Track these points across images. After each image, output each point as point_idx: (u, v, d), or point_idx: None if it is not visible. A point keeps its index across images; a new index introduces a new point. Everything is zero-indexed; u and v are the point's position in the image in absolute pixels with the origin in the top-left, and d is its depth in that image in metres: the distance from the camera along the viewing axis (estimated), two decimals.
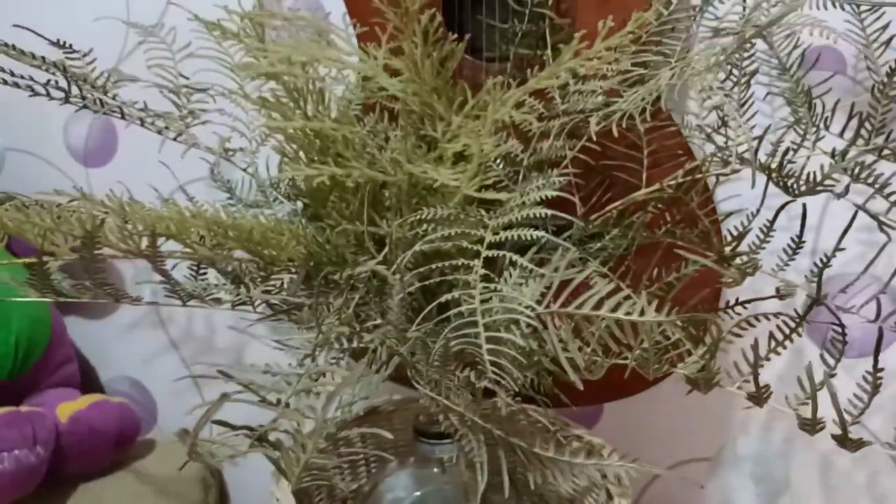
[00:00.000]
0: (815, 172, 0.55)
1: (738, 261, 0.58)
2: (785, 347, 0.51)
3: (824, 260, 0.60)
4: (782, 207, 0.62)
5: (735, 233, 0.65)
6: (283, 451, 0.39)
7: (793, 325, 0.51)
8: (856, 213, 0.60)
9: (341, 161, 0.67)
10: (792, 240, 0.63)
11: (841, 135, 0.69)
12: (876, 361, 0.53)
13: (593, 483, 0.82)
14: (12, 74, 0.71)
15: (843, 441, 0.49)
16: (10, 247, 1.08)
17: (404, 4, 0.80)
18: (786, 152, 0.62)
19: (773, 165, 0.62)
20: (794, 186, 0.57)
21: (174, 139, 0.73)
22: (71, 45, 0.77)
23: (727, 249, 0.59)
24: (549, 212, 0.54)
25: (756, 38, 0.55)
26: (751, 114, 0.67)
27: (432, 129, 0.66)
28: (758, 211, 0.64)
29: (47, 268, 0.58)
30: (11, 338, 1.03)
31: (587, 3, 0.82)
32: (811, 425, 0.47)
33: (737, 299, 0.56)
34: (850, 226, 0.60)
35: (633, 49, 0.61)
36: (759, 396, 0.49)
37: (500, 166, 0.67)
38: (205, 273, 0.71)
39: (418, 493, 0.79)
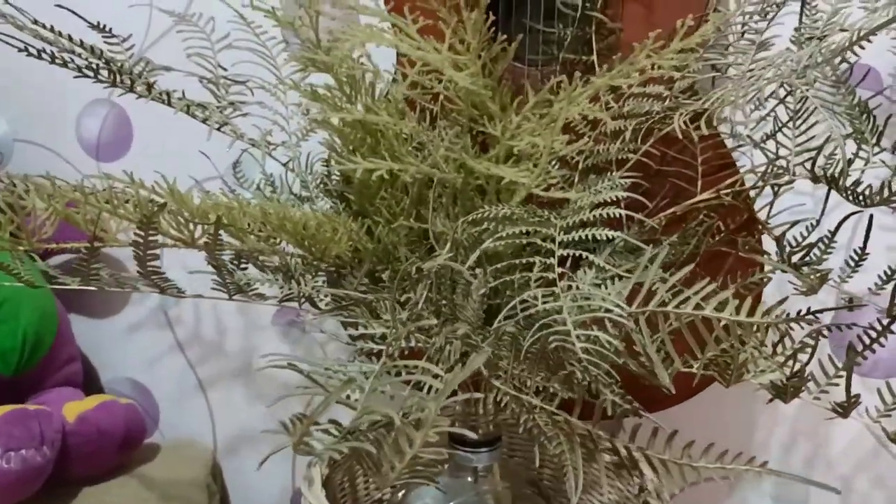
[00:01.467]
0: (889, 182, 0.55)
1: (804, 269, 0.57)
2: (865, 358, 0.50)
3: (889, 273, 0.59)
4: (846, 218, 0.62)
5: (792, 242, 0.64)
6: (385, 446, 0.37)
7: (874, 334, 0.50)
8: None
9: (397, 157, 0.65)
10: (855, 251, 0.63)
11: (893, 150, 0.69)
12: None
13: (626, 498, 0.81)
14: (52, 56, 0.68)
15: None
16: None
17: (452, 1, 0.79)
18: (849, 162, 0.62)
19: (835, 176, 0.62)
20: (865, 197, 0.56)
21: (218, 129, 0.71)
22: (111, 30, 0.74)
23: (795, 258, 0.58)
24: (624, 212, 0.53)
25: (838, 48, 0.54)
26: (808, 125, 0.67)
27: (490, 127, 0.65)
28: (818, 221, 0.63)
29: (97, 255, 0.55)
30: (19, 331, 1.00)
31: (633, 12, 0.82)
32: None
33: (808, 309, 0.55)
34: None
35: (699, 53, 0.60)
36: (848, 406, 0.48)
37: (556, 167, 0.66)
38: (245, 267, 0.68)
39: None
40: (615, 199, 0.58)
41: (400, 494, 0.76)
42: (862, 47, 0.52)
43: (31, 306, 1.02)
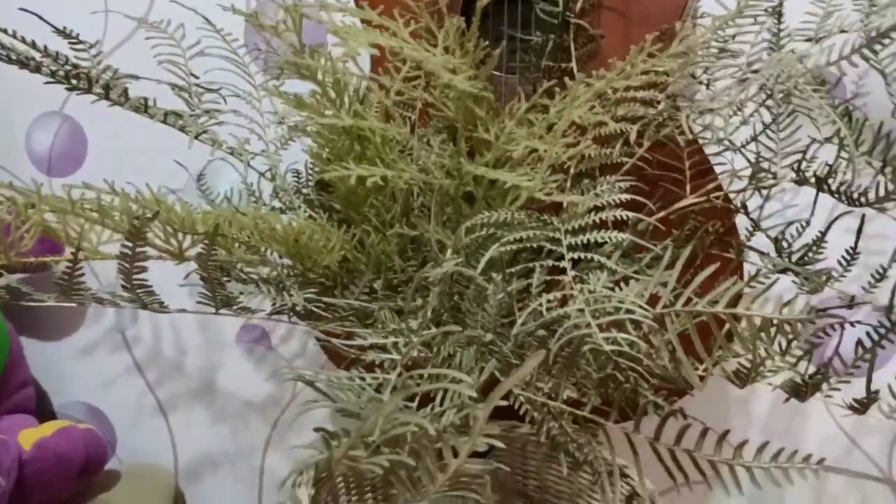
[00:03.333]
0: (884, 184, 0.55)
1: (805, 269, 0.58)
2: (875, 354, 0.50)
3: (881, 272, 0.60)
4: (837, 218, 0.63)
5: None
6: (424, 458, 0.35)
7: (883, 331, 0.50)
8: None
9: (386, 164, 0.64)
10: (847, 251, 0.63)
11: (870, 154, 0.70)
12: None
13: None
14: (20, 61, 0.64)
15: None
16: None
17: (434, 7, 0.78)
18: (836, 165, 0.63)
19: (823, 178, 0.63)
20: (857, 198, 0.57)
21: (196, 138, 0.68)
22: (77, 35, 0.71)
23: (794, 258, 0.59)
24: (632, 214, 0.53)
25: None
26: (793, 128, 0.68)
27: (482, 132, 0.64)
28: (808, 222, 0.64)
29: (80, 269, 0.52)
30: None
31: (609, 18, 0.82)
32: None
33: (814, 307, 0.56)
34: None
35: (697, 56, 0.60)
36: (867, 402, 0.48)
37: (548, 174, 0.65)
38: (228, 280, 0.65)
39: None
40: (612, 202, 0.58)
41: None
42: (882, 44, 0.53)
43: None
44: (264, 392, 1.14)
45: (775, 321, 0.39)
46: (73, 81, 0.64)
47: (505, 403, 0.41)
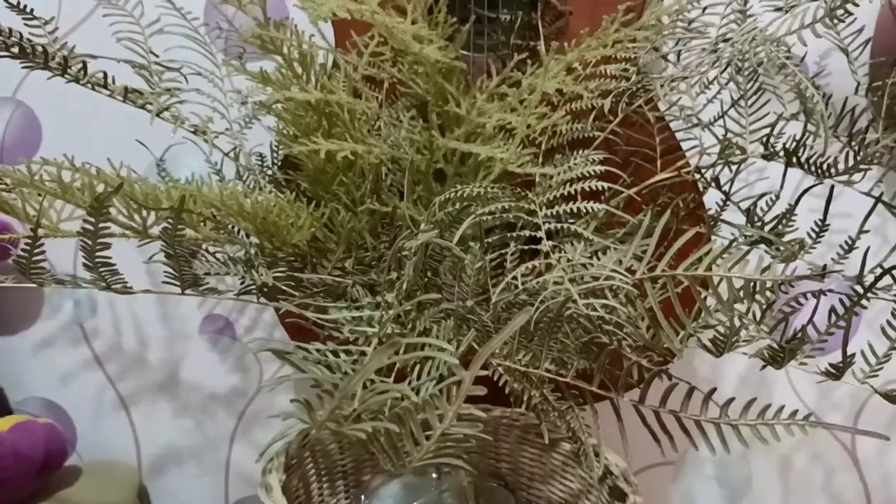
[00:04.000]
0: (850, 155, 0.56)
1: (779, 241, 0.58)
2: (851, 318, 0.50)
3: (850, 243, 0.61)
4: (806, 191, 0.63)
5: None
6: (407, 422, 0.34)
7: (855, 298, 0.51)
8: (876, 201, 0.61)
9: (356, 139, 0.62)
10: (815, 223, 0.64)
11: (835, 130, 0.71)
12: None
13: (588, 485, 0.80)
14: None
15: None
16: None
17: None
18: (804, 139, 0.63)
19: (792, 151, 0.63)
20: (828, 170, 0.57)
21: (157, 115, 0.66)
22: (31, 11, 0.69)
23: (766, 230, 0.59)
24: (606, 185, 0.52)
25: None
26: (759, 105, 0.68)
27: (452, 107, 0.63)
28: (778, 195, 0.64)
29: (40, 247, 0.50)
30: None
31: None
32: None
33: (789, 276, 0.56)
34: (871, 212, 0.61)
35: (672, 24, 0.60)
36: (843, 367, 0.48)
37: (521, 148, 0.65)
38: (194, 259, 0.64)
39: None
40: (586, 174, 0.58)
41: (362, 497, 0.73)
42: (846, 11, 0.53)
43: None
44: (229, 383, 1.12)
45: (754, 283, 0.39)
46: (29, 58, 0.62)
47: (484, 373, 0.40)
